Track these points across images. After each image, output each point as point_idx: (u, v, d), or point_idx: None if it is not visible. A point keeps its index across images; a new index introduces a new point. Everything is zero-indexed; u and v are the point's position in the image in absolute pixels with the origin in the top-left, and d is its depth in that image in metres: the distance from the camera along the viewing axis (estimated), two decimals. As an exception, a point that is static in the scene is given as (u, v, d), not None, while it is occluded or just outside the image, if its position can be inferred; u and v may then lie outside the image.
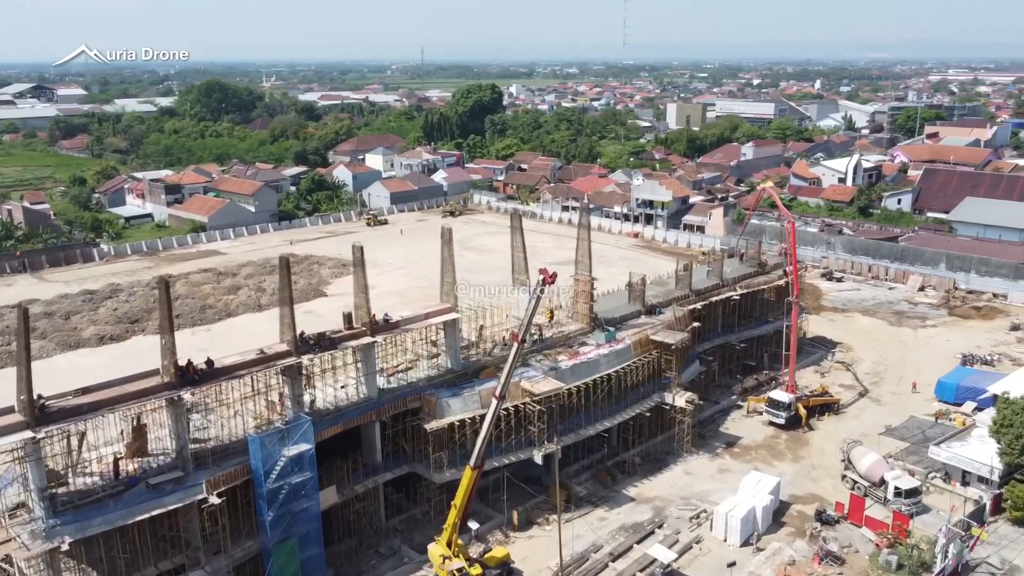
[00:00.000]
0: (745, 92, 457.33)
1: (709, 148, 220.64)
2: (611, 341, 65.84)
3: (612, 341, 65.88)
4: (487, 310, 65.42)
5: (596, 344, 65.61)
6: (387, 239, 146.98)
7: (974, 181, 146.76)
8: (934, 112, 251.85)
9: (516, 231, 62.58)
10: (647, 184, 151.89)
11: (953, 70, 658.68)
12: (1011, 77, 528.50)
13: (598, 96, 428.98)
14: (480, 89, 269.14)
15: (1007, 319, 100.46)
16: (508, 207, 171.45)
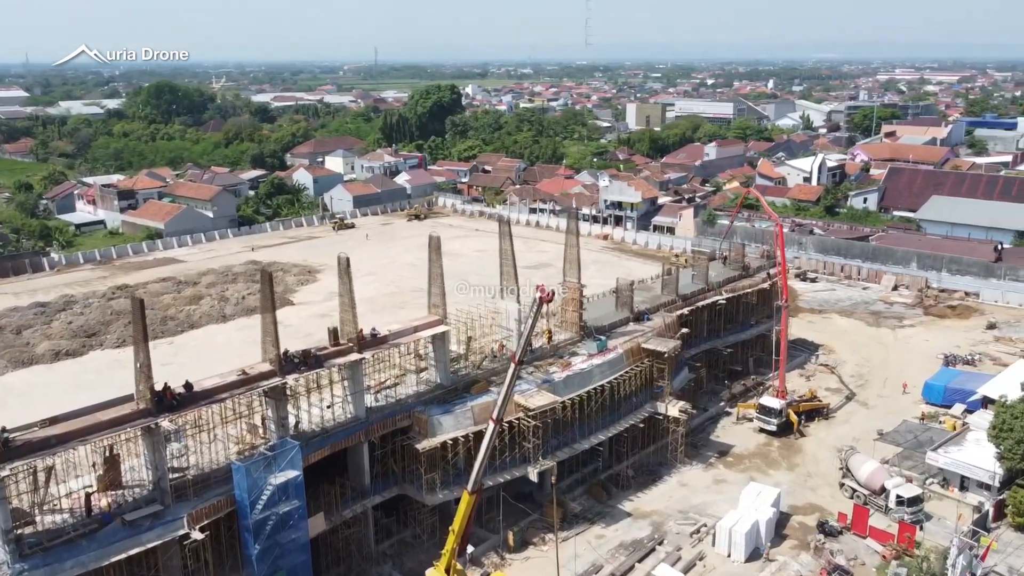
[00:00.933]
0: (700, 92, 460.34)
1: (671, 148, 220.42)
2: (603, 351, 63.56)
3: (604, 351, 63.61)
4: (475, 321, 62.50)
5: (588, 354, 63.30)
6: (352, 244, 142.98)
7: (938, 180, 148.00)
8: (889, 111, 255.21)
9: (505, 238, 59.88)
10: (616, 185, 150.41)
11: (899, 70, 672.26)
12: (956, 76, 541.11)
13: (555, 96, 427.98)
14: (439, 90, 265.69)
15: (982, 318, 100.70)
16: (474, 209, 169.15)
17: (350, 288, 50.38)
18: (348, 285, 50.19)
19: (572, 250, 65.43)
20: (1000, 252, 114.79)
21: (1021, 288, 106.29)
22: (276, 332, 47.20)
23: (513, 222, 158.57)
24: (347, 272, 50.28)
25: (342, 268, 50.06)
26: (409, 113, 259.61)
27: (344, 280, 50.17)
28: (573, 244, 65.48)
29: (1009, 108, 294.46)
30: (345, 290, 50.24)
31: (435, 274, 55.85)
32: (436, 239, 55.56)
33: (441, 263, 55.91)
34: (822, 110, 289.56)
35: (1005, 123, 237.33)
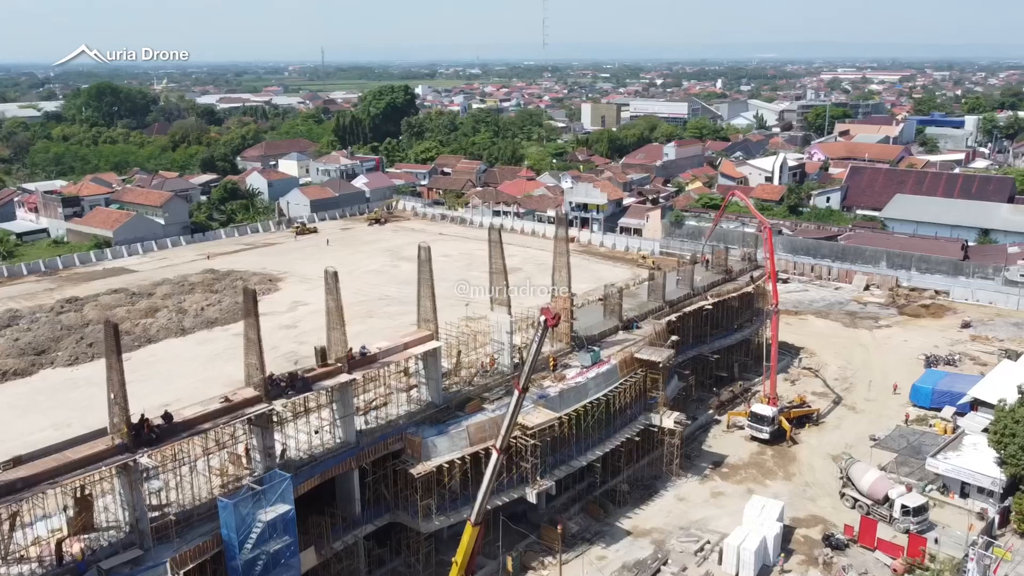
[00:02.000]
0: (650, 92, 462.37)
1: (630, 148, 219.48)
2: (597, 363, 60.97)
3: (598, 363, 61.02)
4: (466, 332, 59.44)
5: (582, 367, 60.64)
6: (312, 250, 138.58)
7: (899, 178, 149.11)
8: (841, 110, 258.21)
9: (496, 247, 56.88)
10: (581, 187, 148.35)
11: (841, 69, 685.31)
12: (897, 76, 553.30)
13: (507, 97, 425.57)
14: (392, 91, 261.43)
15: (956, 316, 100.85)
16: (435, 213, 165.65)
17: (339, 304, 46.89)
18: (337, 300, 46.69)
19: (561, 257, 62.67)
20: (966, 250, 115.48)
21: (990, 286, 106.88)
22: (261, 354, 43.50)
23: (476, 225, 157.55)
24: (335, 286, 46.72)
25: (330, 282, 46.51)
26: (362, 114, 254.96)
27: (332, 295, 46.63)
28: (562, 251, 62.70)
29: (953, 107, 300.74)
30: (334, 306, 46.69)
31: (425, 286, 52.57)
32: (426, 249, 52.38)
33: (431, 275, 52.70)
34: (774, 109, 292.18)
35: (953, 121, 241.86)
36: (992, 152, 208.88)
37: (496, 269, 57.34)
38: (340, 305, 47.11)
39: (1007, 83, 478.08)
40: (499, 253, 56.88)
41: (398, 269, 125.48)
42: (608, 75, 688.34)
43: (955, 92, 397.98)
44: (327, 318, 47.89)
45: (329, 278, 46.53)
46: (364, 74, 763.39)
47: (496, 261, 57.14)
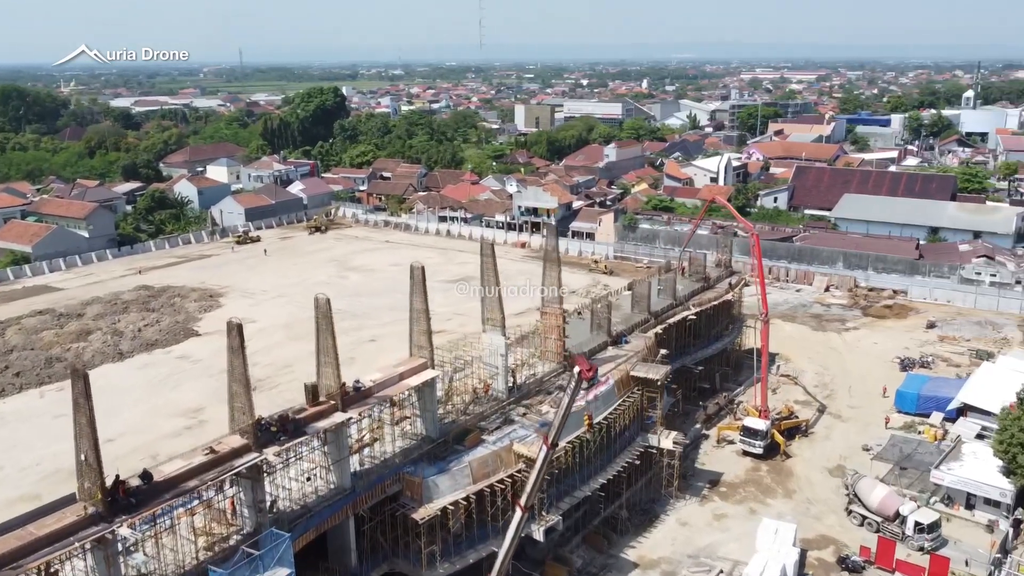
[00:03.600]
0: (578, 92, 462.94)
1: (569, 150, 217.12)
2: (594, 384, 57.08)
3: (596, 384, 57.16)
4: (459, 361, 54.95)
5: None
6: (252, 262, 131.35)
7: (844, 177, 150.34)
8: (772, 110, 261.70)
9: (488, 262, 52.51)
10: (531, 191, 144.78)
11: (759, 69, 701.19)
12: (814, 75, 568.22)
13: (435, 98, 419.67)
14: (322, 93, 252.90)
15: (919, 317, 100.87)
16: (378, 219, 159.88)
17: (331, 334, 41.87)
18: (329, 330, 41.68)
19: (552, 270, 58.67)
20: (920, 249, 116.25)
21: (946, 285, 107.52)
22: (249, 396, 38.28)
23: (422, 231, 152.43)
24: (328, 315, 41.71)
25: (321, 311, 41.47)
26: (291, 117, 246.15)
27: (324, 326, 41.60)
28: (553, 263, 58.67)
29: (876, 106, 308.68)
30: (326, 337, 41.67)
31: (418, 310, 47.87)
32: (419, 269, 47.70)
33: (425, 297, 47.99)
34: (705, 109, 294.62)
35: (880, 120, 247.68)
36: (920, 150, 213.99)
37: (489, 287, 52.89)
38: (333, 335, 42.12)
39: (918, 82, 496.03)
40: (492, 269, 52.53)
41: (347, 280, 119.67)
42: (532, 75, 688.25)
43: (872, 91, 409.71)
44: (317, 350, 42.78)
45: (321, 305, 41.45)
46: (284, 75, 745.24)
47: (489, 278, 52.75)
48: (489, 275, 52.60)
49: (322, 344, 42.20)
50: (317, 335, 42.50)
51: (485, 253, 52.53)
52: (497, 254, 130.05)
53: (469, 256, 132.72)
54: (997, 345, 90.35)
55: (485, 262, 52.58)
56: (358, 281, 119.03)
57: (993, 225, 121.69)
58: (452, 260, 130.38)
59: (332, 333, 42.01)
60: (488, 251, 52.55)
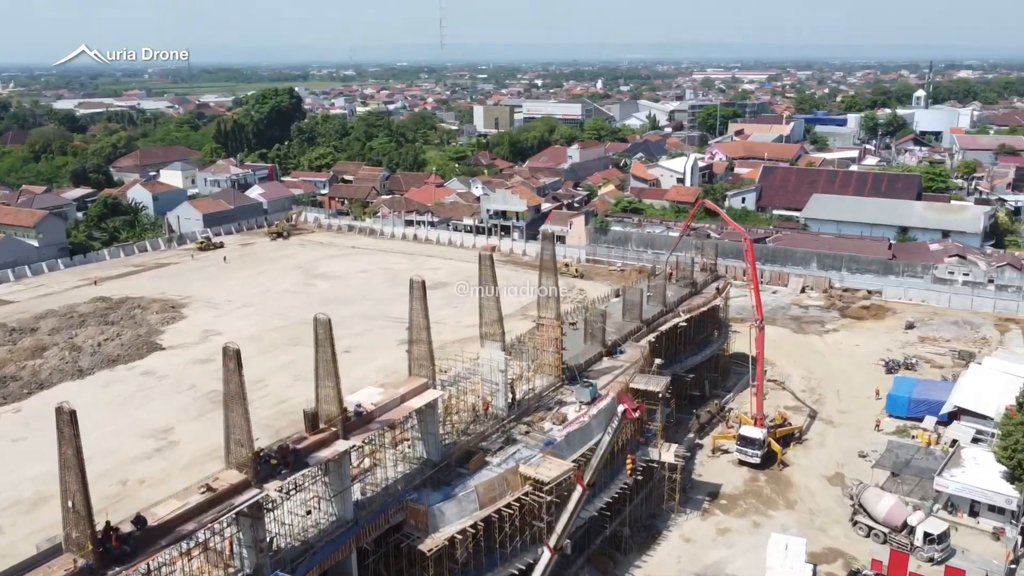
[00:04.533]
0: (533, 93, 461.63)
1: (531, 151, 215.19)
2: (596, 398, 54.99)
3: (597, 398, 55.05)
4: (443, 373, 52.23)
5: (580, 403, 54.52)
6: (213, 270, 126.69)
7: (811, 177, 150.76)
8: (731, 110, 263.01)
9: (487, 273, 49.85)
10: (500, 194, 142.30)
11: (711, 69, 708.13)
12: (764, 75, 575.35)
13: (391, 99, 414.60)
14: (276, 94, 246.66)
15: (897, 317, 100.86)
16: (342, 224, 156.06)
17: (332, 356, 38.90)
18: (329, 351, 38.72)
19: (548, 279, 56.18)
20: (892, 249, 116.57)
21: (920, 284, 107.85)
22: (249, 427, 35.22)
23: (388, 236, 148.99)
24: (328, 335, 38.75)
25: (323, 331, 38.51)
26: (245, 119, 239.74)
27: (324, 346, 38.65)
28: (550, 272, 56.19)
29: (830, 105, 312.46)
30: (326, 358, 38.73)
31: (419, 327, 45.05)
32: (420, 283, 44.84)
33: (426, 312, 45.16)
34: (664, 109, 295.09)
35: (837, 120, 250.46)
36: (878, 149, 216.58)
37: (487, 299, 50.28)
38: (334, 357, 39.18)
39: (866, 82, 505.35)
40: (491, 280, 49.91)
41: (315, 288, 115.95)
42: (486, 76, 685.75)
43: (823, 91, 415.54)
44: (316, 373, 39.79)
45: (321, 325, 38.48)
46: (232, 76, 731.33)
47: (488, 290, 50.14)
48: (489, 286, 49.94)
49: (321, 366, 39.22)
50: (316, 356, 39.48)
51: (484, 265, 49.78)
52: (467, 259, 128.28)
53: (439, 261, 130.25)
54: (977, 345, 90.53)
55: (484, 273, 49.87)
56: (326, 289, 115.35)
57: (961, 224, 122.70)
58: (422, 266, 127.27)
59: (333, 354, 39.03)
60: (488, 263, 49.83)
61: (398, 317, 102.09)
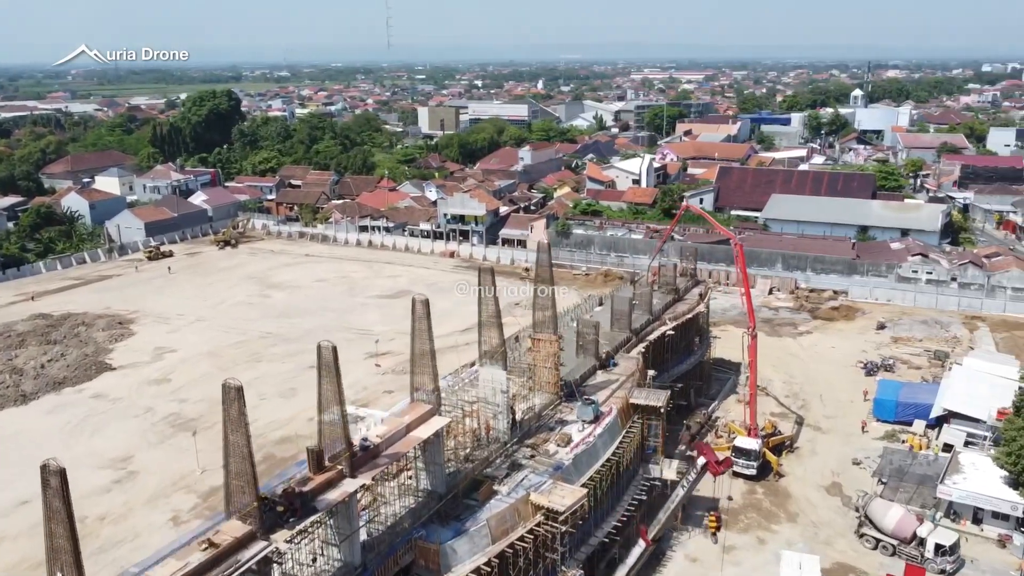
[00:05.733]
0: (474, 93, 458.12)
1: (481, 153, 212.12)
2: (599, 416, 52.24)
3: (600, 416, 52.31)
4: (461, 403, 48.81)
5: (582, 422, 51.73)
6: (160, 282, 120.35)
7: (768, 177, 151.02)
8: (677, 110, 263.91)
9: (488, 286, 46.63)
10: (457, 198, 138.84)
11: (648, 69, 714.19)
12: (701, 75, 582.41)
13: (330, 100, 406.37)
14: (214, 96, 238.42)
15: (867, 318, 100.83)
16: (292, 231, 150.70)
17: (338, 386, 35.29)
18: (335, 380, 35.11)
19: (544, 292, 53.25)
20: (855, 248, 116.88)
21: (885, 284, 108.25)
22: (253, 472, 31.43)
23: (341, 242, 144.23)
24: (331, 365, 35.10)
25: (327, 358, 34.86)
26: (182, 122, 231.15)
27: (328, 376, 35.04)
28: (546, 285, 53.25)
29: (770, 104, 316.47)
30: (330, 389, 35.12)
31: (422, 351, 41.69)
32: (422, 303, 41.48)
33: (431, 334, 41.81)
34: (610, 110, 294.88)
35: (781, 119, 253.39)
36: (823, 148, 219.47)
37: (489, 316, 47.13)
38: (340, 387, 35.55)
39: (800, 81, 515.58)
40: (491, 295, 46.77)
41: (271, 300, 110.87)
42: (423, 76, 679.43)
43: (760, 90, 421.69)
44: (319, 406, 36.14)
45: (325, 354, 34.85)
46: (161, 77, 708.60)
47: (489, 306, 47.01)
48: (489, 301, 46.82)
49: (324, 397, 35.58)
50: (320, 387, 35.80)
51: (485, 281, 46.60)
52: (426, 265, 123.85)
53: (399, 268, 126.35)
54: (949, 344, 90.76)
55: (484, 287, 46.70)
56: (283, 300, 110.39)
57: (919, 222, 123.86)
58: (380, 273, 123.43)
59: (339, 385, 35.40)
60: (488, 279, 46.70)
61: (363, 329, 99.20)
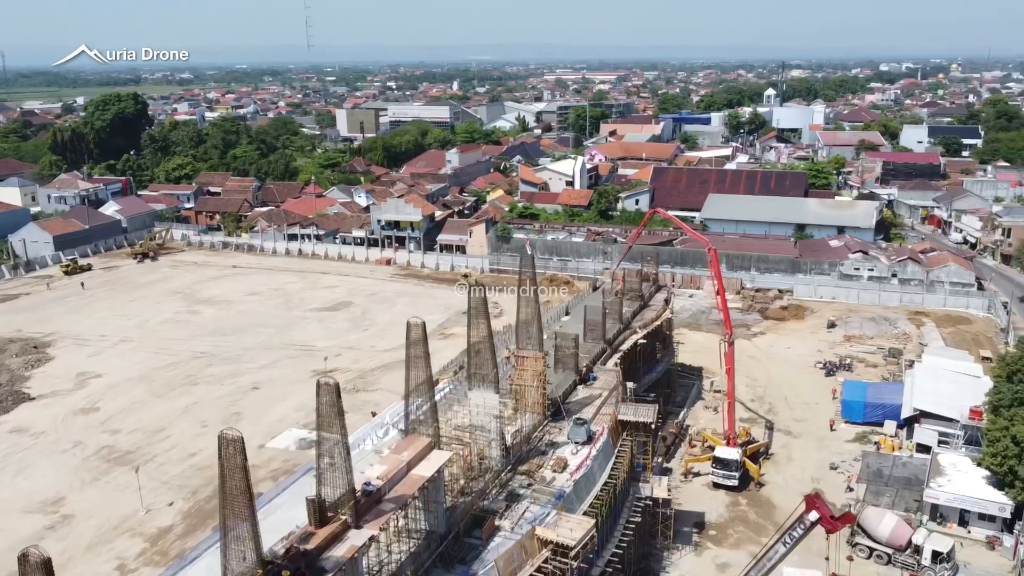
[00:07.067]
0: (388, 95, 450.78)
1: (407, 156, 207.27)
2: (592, 437, 49.27)
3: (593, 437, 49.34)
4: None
5: (575, 444, 48.67)
6: (75, 300, 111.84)
7: (702, 177, 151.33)
8: (599, 111, 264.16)
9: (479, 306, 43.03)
10: (392, 203, 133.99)
11: (559, 70, 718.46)
12: (614, 75, 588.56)
13: (239, 103, 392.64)
14: (119, 100, 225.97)
15: (816, 316, 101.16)
16: (215, 241, 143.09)
17: (342, 425, 31.19)
18: (338, 421, 31.02)
19: (528, 307, 49.99)
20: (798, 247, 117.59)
21: (829, 282, 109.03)
22: (257, 530, 27.13)
23: (269, 252, 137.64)
24: (335, 403, 30.97)
25: (328, 394, 30.73)
26: (85, 128, 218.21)
27: (332, 415, 30.92)
28: (529, 300, 49.99)
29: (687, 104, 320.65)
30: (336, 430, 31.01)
31: (419, 380, 37.84)
32: (419, 326, 37.61)
33: (428, 361, 37.99)
34: (532, 111, 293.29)
35: (702, 118, 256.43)
36: (744, 147, 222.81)
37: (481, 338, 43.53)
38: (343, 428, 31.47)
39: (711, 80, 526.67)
40: (484, 315, 43.24)
41: (201, 316, 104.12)
42: (334, 78, 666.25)
43: (673, 90, 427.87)
44: (318, 452, 31.93)
45: (329, 391, 30.73)
46: (52, 80, 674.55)
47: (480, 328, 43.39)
48: (480, 321, 43.24)
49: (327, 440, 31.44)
50: (319, 427, 31.63)
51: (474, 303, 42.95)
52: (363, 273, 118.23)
53: (335, 278, 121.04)
54: (900, 341, 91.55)
55: (474, 306, 43.11)
56: (215, 316, 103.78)
57: (854, 219, 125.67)
58: (317, 284, 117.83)
59: (343, 424, 31.32)
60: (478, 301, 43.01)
61: (306, 345, 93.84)
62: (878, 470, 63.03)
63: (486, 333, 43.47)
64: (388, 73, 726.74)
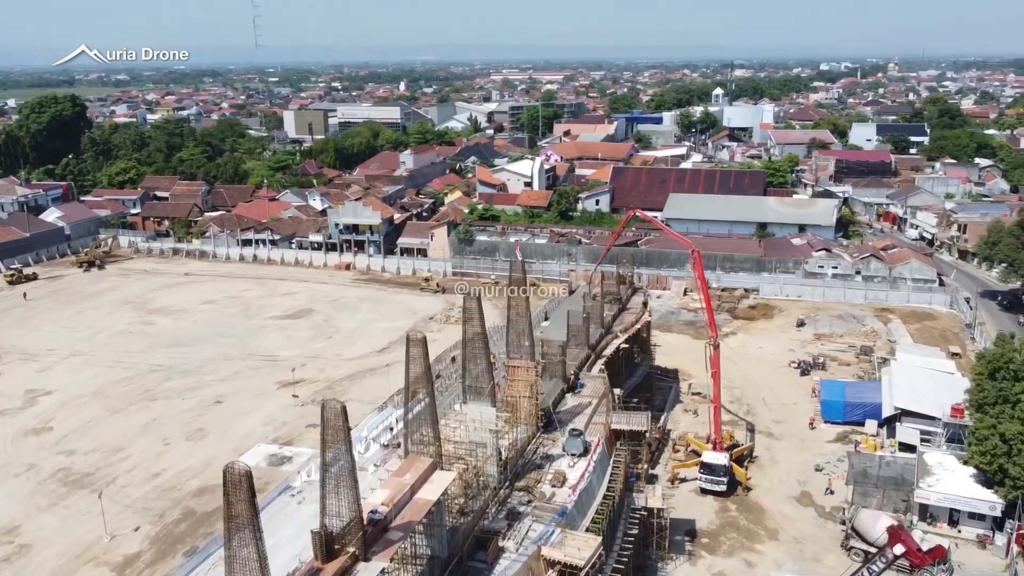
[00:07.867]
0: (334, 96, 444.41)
1: (359, 158, 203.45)
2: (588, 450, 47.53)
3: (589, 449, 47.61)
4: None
5: (571, 457, 46.90)
6: (19, 312, 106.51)
7: (662, 177, 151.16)
8: (552, 111, 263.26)
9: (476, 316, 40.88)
10: (350, 206, 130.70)
11: (506, 70, 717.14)
12: (561, 75, 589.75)
13: (180, 104, 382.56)
14: (56, 101, 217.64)
15: (784, 315, 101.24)
16: (165, 247, 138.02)
17: (348, 450, 28.86)
18: (344, 446, 28.68)
19: (520, 315, 48.01)
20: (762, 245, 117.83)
21: (794, 280, 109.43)
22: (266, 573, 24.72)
23: (222, 258, 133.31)
24: (339, 426, 28.65)
25: (333, 420, 28.40)
26: (20, 131, 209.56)
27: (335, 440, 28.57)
28: (521, 306, 48.00)
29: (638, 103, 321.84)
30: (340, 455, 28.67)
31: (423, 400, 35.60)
32: (420, 339, 35.36)
33: (430, 377, 35.77)
34: (483, 111, 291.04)
35: (653, 118, 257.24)
36: (697, 146, 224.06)
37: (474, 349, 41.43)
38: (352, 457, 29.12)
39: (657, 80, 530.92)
40: (480, 325, 41.15)
41: (155, 327, 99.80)
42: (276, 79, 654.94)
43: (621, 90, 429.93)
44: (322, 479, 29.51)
45: (334, 415, 28.38)
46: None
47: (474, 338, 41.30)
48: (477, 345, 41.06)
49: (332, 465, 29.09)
50: (323, 455, 29.25)
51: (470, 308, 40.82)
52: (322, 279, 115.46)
53: (293, 284, 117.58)
54: (870, 338, 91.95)
55: (470, 317, 40.99)
56: (170, 327, 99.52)
57: (815, 218, 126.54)
58: (275, 291, 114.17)
59: (349, 450, 28.98)
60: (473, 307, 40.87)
61: (268, 355, 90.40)
62: (864, 471, 62.58)
63: (483, 347, 41.33)
64: (332, 73, 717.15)
